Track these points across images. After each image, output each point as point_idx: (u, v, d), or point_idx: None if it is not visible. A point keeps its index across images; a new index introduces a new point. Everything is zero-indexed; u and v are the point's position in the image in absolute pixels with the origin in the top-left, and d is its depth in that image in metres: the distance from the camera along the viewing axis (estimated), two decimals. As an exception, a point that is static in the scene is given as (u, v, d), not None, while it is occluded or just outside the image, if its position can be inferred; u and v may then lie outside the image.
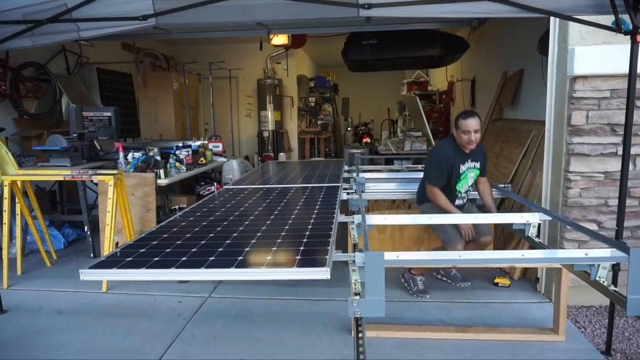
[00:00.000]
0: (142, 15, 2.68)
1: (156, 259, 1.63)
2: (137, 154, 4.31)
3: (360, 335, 1.57)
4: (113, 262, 1.60)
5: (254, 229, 2.05)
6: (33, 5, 2.72)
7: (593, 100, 3.03)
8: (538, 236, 2.72)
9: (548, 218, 2.61)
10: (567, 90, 3.06)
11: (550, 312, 2.88)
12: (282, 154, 8.33)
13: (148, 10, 2.68)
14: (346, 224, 2.53)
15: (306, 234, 1.93)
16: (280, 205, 2.60)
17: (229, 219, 2.25)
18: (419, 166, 4.50)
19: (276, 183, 3.50)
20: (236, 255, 1.66)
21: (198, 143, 5.05)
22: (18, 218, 3.83)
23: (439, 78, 9.41)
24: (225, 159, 5.71)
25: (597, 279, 1.85)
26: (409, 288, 3.45)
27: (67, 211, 5.11)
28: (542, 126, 3.44)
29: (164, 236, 1.95)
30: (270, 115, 8.27)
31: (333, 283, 1.79)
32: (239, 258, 1.62)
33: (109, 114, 4.69)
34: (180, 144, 4.83)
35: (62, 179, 4.17)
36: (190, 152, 4.67)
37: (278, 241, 1.85)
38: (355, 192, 3.17)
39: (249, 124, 8.95)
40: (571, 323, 2.99)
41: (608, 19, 2.46)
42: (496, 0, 2.49)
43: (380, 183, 3.84)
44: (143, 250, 1.75)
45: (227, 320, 3.08)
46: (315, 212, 2.35)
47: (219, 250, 1.72)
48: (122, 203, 3.79)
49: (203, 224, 2.16)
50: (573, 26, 2.95)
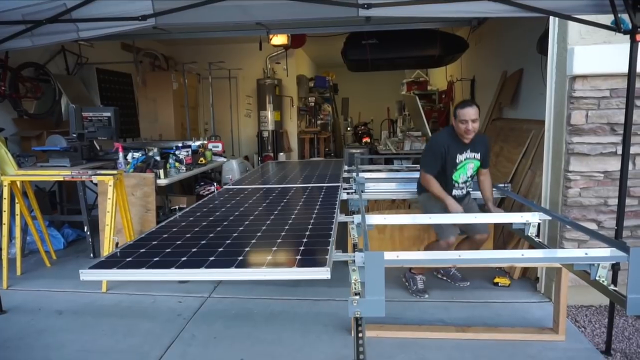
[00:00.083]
0: (142, 15, 2.68)
1: (156, 259, 1.63)
2: (137, 154, 4.30)
3: (360, 335, 1.58)
4: (113, 262, 1.60)
5: (254, 229, 2.04)
6: (32, 5, 2.72)
7: (592, 99, 3.03)
8: (538, 236, 2.72)
9: (548, 218, 2.61)
10: (567, 89, 3.06)
11: (550, 312, 2.88)
12: (282, 154, 8.33)
13: (147, 10, 2.68)
14: (346, 224, 2.53)
15: (306, 234, 1.92)
16: (280, 205, 2.60)
17: (229, 219, 2.25)
18: (419, 166, 4.48)
19: (276, 183, 3.50)
20: (236, 255, 1.66)
21: (198, 143, 5.04)
22: (18, 218, 3.83)
23: (439, 78, 9.41)
24: (224, 159, 5.71)
25: (597, 279, 1.85)
26: (409, 287, 3.45)
27: (67, 211, 5.10)
28: (542, 126, 3.44)
29: (164, 236, 1.95)
30: (269, 115, 8.27)
31: (333, 283, 1.79)
32: (239, 258, 1.62)
33: (109, 114, 4.68)
34: (179, 144, 4.82)
35: (62, 179, 4.17)
36: (189, 152, 4.67)
37: (278, 241, 1.85)
38: (355, 192, 3.17)
39: (249, 124, 8.95)
40: (571, 322, 2.99)
41: (607, 19, 2.47)
42: (496, 0, 2.50)
43: (380, 183, 3.84)
44: (143, 250, 1.75)
45: (227, 320, 3.08)
46: (315, 212, 2.35)
47: (219, 250, 1.72)
48: (122, 203, 3.79)
49: (203, 224, 2.16)
50: (572, 26, 2.95)
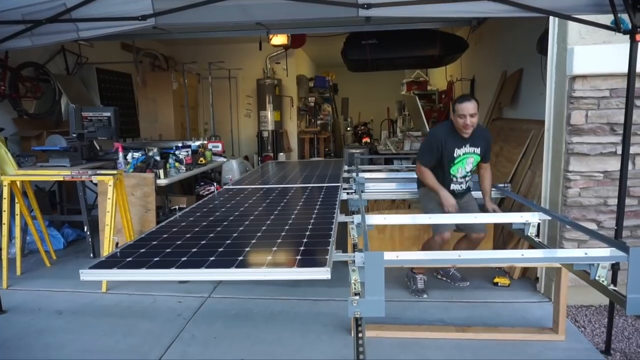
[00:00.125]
0: (142, 15, 2.68)
1: (156, 259, 1.63)
2: (137, 154, 4.30)
3: (360, 335, 1.58)
4: (113, 262, 1.60)
5: (254, 229, 2.04)
6: (32, 5, 2.72)
7: (592, 99, 3.03)
8: (538, 236, 2.72)
9: (547, 218, 2.61)
10: (567, 89, 3.06)
11: (550, 312, 2.88)
12: (282, 154, 8.33)
13: (147, 10, 2.68)
14: (346, 224, 2.53)
15: (306, 234, 1.93)
16: (280, 205, 2.60)
17: (229, 219, 2.25)
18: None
19: (276, 183, 3.50)
20: (236, 255, 1.66)
21: (197, 143, 5.04)
22: (17, 218, 3.83)
23: (439, 78, 9.41)
24: (224, 159, 5.71)
25: (597, 279, 1.85)
26: (409, 286, 3.45)
27: (67, 211, 5.10)
28: (542, 126, 3.44)
29: (164, 236, 1.95)
30: (269, 115, 8.27)
31: (333, 283, 1.79)
32: (239, 258, 1.62)
33: (109, 114, 4.68)
34: (179, 144, 4.83)
35: (62, 179, 4.17)
36: (189, 152, 4.67)
37: (278, 241, 1.85)
38: (355, 192, 3.17)
39: (249, 124, 8.95)
40: (571, 322, 3.00)
41: (607, 19, 2.47)
42: (495, 0, 2.50)
43: (379, 183, 3.84)
44: (143, 250, 1.75)
45: (227, 320, 3.08)
46: (315, 212, 2.35)
47: (219, 250, 1.72)
48: (122, 203, 3.79)
49: (203, 224, 2.16)
50: (572, 26, 2.95)
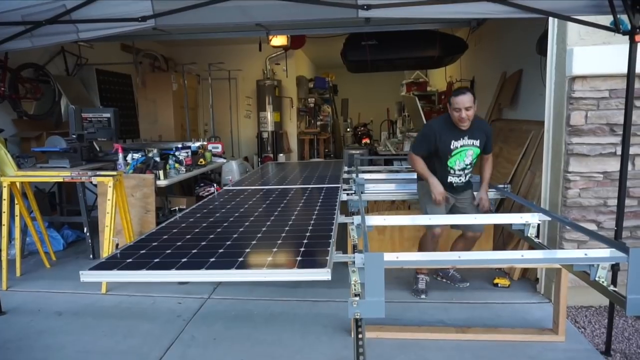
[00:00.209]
0: (142, 16, 2.69)
1: (156, 260, 1.63)
2: (137, 155, 4.30)
3: (360, 336, 1.58)
4: (113, 264, 1.60)
5: (254, 230, 2.04)
6: (32, 6, 2.72)
7: (592, 100, 3.03)
8: (537, 236, 2.71)
9: (547, 218, 2.61)
10: (566, 90, 3.07)
11: (549, 313, 2.88)
12: (282, 155, 8.33)
13: (147, 11, 2.68)
14: (346, 225, 2.53)
15: (306, 235, 1.92)
16: (280, 206, 2.60)
17: (229, 220, 2.25)
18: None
19: (276, 184, 3.50)
20: (236, 256, 1.65)
21: (197, 144, 5.04)
22: (17, 219, 3.82)
23: (438, 79, 9.41)
24: (224, 160, 5.70)
25: (597, 279, 1.85)
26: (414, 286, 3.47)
27: (67, 212, 5.10)
28: (541, 126, 3.45)
29: (164, 237, 1.95)
30: (269, 116, 8.27)
31: (333, 284, 1.79)
32: (240, 259, 1.62)
33: (108, 115, 4.68)
34: (179, 145, 4.82)
35: (62, 180, 4.16)
36: (189, 153, 4.67)
37: (278, 242, 1.85)
38: (354, 193, 3.17)
39: (249, 125, 8.94)
40: (571, 323, 2.99)
41: (607, 19, 2.47)
42: (495, 0, 2.50)
43: (379, 184, 3.84)
44: (143, 251, 1.74)
45: (227, 321, 3.08)
46: (315, 213, 2.35)
47: (219, 251, 1.72)
48: (122, 204, 3.79)
49: (203, 225, 2.16)
50: (572, 26, 2.96)
